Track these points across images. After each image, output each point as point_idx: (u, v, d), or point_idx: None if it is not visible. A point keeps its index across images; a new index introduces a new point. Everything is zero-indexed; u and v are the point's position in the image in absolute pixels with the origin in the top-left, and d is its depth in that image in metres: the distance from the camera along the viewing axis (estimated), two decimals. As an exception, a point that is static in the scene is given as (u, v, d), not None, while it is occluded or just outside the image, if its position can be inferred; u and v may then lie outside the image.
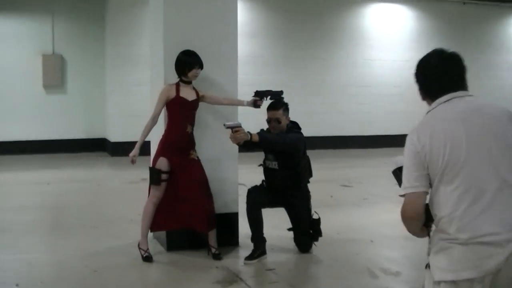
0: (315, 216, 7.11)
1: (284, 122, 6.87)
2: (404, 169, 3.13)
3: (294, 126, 6.97)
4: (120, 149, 15.46)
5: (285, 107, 6.94)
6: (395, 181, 3.35)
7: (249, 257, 6.77)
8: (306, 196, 7.06)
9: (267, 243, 6.93)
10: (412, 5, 19.16)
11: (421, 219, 3.12)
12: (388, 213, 9.48)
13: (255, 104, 6.96)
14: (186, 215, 6.68)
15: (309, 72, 17.80)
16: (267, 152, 6.95)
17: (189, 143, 6.81)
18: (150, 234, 7.18)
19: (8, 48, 16.32)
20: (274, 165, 6.91)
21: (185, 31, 7.09)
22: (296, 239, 7.22)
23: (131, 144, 7.00)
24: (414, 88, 3.83)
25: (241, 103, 7.06)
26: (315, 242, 7.14)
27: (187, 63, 6.72)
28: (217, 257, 6.80)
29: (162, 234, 7.20)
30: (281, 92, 6.97)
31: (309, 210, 7.07)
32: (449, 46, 4.49)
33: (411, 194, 3.09)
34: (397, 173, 3.30)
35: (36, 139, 16.47)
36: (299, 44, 17.69)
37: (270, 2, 17.51)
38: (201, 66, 6.75)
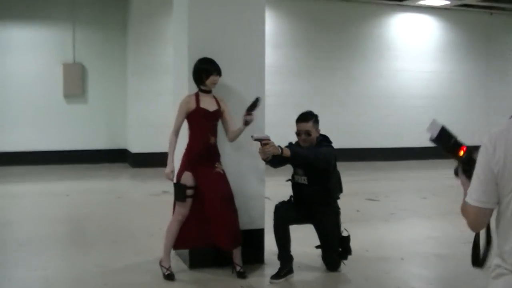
0: (344, 233, 6.81)
1: (314, 135, 6.57)
2: (474, 175, 2.83)
3: (324, 139, 6.68)
4: (141, 160, 15.36)
5: (315, 119, 6.63)
6: (422, 195, 3.03)
7: (276, 276, 6.46)
8: (335, 212, 6.75)
9: (294, 261, 6.63)
10: (438, 15, 18.86)
11: (482, 229, 2.90)
12: (417, 228, 9.25)
13: (245, 122, 6.52)
14: (210, 233, 6.43)
15: (334, 82, 17.57)
16: (297, 167, 6.66)
17: (214, 155, 6.55)
18: (173, 251, 6.91)
19: (28, 57, 16.19)
20: (303, 180, 6.63)
21: (210, 40, 6.84)
22: (324, 257, 6.92)
23: (152, 155, 6.81)
24: (440, 99, 3.66)
25: (240, 129, 6.62)
26: (344, 261, 6.84)
27: (205, 70, 6.46)
28: (242, 275, 6.52)
29: (185, 251, 6.94)
30: (257, 100, 6.52)
31: (339, 227, 6.77)
32: (476, 56, 4.30)
33: (476, 208, 2.83)
34: (441, 140, 2.92)
35: (56, 149, 16.31)
36: (324, 54, 17.47)
37: (295, 12, 17.30)
38: (219, 72, 6.49)
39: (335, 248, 6.80)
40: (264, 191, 7.17)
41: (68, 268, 7.02)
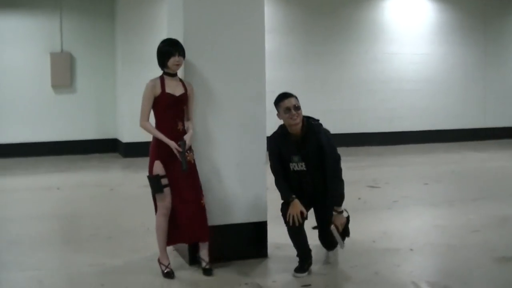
0: (344, 214, 6.51)
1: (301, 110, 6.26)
2: None
3: (311, 118, 6.40)
4: (133, 150, 15.06)
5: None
6: (423, 181, 2.73)
7: (300, 270, 6.18)
8: None
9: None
10: (432, -4, 18.56)
11: None
12: (422, 217, 8.96)
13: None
14: (177, 227, 6.22)
15: (328, 67, 17.27)
16: (291, 154, 6.30)
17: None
18: (170, 247, 6.59)
19: (14, 46, 15.81)
20: (301, 166, 6.29)
21: (206, 28, 6.50)
22: (322, 238, 6.72)
23: (144, 145, 6.53)
24: (436, 83, 3.40)
25: (191, 133, 6.22)
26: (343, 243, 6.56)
27: (165, 52, 6.12)
28: (207, 272, 6.20)
29: (183, 246, 6.59)
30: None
31: None
32: (472, 39, 4.05)
33: None
34: None
35: (44, 140, 15.96)
36: (318, 39, 17.15)
37: (287, -3, 16.95)
38: (181, 53, 6.11)
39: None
40: (265, 181, 6.83)
41: (62, 268, 6.69)
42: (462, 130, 18.41)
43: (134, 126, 14.77)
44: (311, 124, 6.31)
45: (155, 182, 6.12)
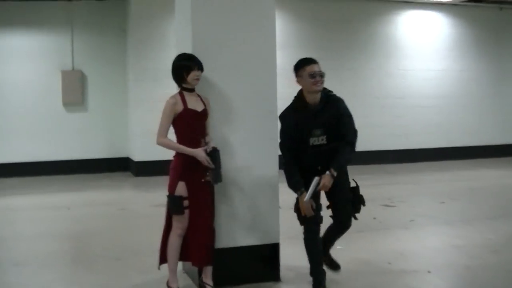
0: (352, 184, 6.23)
1: None
2: None
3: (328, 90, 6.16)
4: (144, 169, 14.93)
5: None
6: (440, 200, 2.54)
7: None
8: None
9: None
10: (447, 12, 18.39)
11: None
12: (440, 236, 8.73)
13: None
14: (184, 246, 6.02)
15: (341, 83, 17.02)
16: (315, 128, 5.93)
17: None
18: (179, 267, 6.39)
19: (26, 64, 15.77)
20: (321, 140, 5.94)
21: (215, 43, 6.32)
22: (335, 212, 6.17)
23: (155, 164, 6.36)
24: (451, 98, 3.26)
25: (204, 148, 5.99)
26: (357, 214, 6.22)
27: (184, 66, 5.89)
28: None
29: (194, 268, 6.38)
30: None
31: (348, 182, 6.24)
32: (486, 53, 3.90)
33: None
34: None
35: (55, 159, 15.86)
36: (330, 55, 16.97)
37: (300, 12, 16.84)
38: (200, 67, 5.91)
39: (348, 200, 6.16)
40: (278, 202, 6.63)
41: (69, 291, 6.51)
42: (478, 147, 18.18)
43: (145, 145, 14.90)
44: (330, 93, 6.10)
45: (176, 203, 5.88)
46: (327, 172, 5.73)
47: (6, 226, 10.01)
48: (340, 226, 6.22)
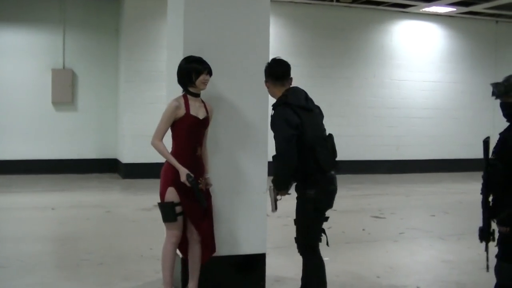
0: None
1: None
2: None
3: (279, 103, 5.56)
4: (132, 171, 14.77)
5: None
6: (431, 212, 2.42)
7: None
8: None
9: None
10: (443, 23, 18.30)
11: None
12: (430, 251, 8.60)
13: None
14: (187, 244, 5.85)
15: (335, 92, 16.99)
16: None
17: (200, 168, 5.73)
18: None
19: (16, 61, 15.57)
20: None
21: (208, 46, 6.15)
22: None
23: (144, 166, 6.15)
24: (445, 110, 3.20)
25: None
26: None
27: (194, 68, 5.64)
28: None
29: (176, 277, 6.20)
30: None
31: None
32: (482, 66, 3.79)
33: None
34: None
35: (43, 158, 15.65)
36: (324, 62, 16.89)
37: (295, 19, 16.71)
38: (209, 71, 5.70)
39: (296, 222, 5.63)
40: (265, 210, 6.46)
41: (50, 298, 6.33)
42: (471, 160, 18.04)
43: (135, 147, 14.75)
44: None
45: (168, 210, 5.63)
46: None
47: (-11, 226, 9.83)
48: None
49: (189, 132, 5.65)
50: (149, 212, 10.66)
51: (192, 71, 5.65)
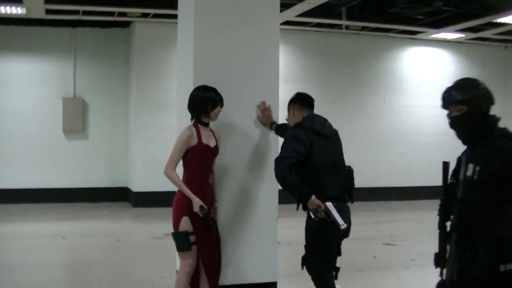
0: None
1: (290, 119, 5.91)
2: None
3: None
4: (143, 200, 14.73)
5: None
6: None
7: None
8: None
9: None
10: (452, 49, 18.30)
11: None
12: (442, 279, 8.48)
13: None
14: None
15: (344, 118, 16.93)
16: None
17: (211, 196, 5.77)
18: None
19: (27, 90, 15.62)
20: None
21: (217, 73, 6.18)
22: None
23: (155, 194, 6.15)
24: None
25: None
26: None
27: (211, 99, 5.67)
28: None
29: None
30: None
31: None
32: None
33: None
34: None
35: (54, 187, 15.63)
36: (334, 89, 16.89)
37: (305, 46, 16.74)
38: (222, 103, 5.75)
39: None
40: (276, 237, 6.45)
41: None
42: (482, 186, 18.02)
43: (145, 175, 14.75)
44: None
45: (182, 240, 5.62)
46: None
47: (0, 254, 9.79)
48: None
49: (201, 161, 5.68)
50: (160, 240, 10.63)
51: (208, 102, 5.68)
